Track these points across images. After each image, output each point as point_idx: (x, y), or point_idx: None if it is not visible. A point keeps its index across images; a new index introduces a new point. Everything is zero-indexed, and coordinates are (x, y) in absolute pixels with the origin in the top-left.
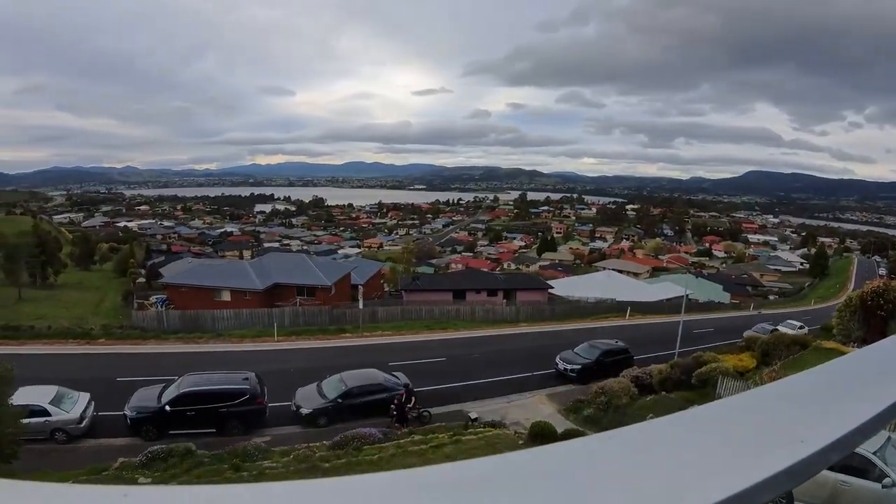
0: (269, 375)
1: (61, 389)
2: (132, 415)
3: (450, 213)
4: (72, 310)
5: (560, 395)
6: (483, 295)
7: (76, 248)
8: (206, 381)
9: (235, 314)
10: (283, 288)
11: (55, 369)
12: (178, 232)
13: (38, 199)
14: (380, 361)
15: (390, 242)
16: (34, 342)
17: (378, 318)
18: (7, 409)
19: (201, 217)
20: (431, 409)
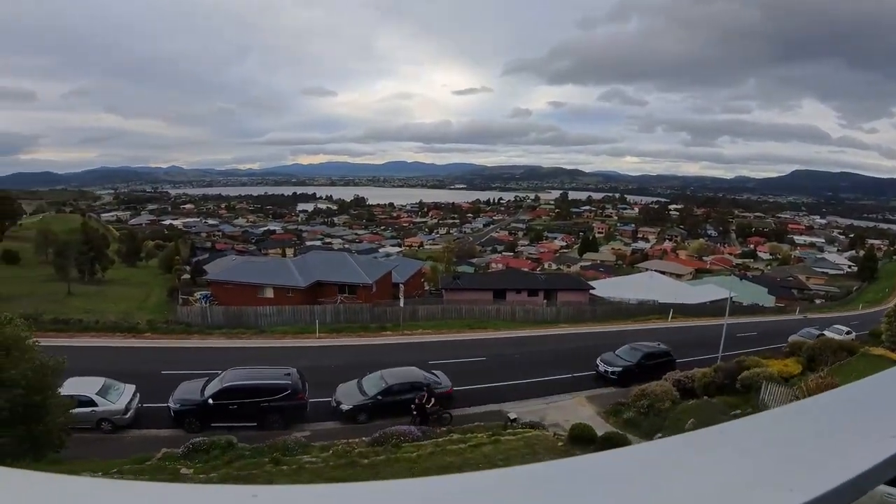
0: (310, 371)
1: (108, 381)
2: (176, 407)
3: (490, 212)
4: (119, 305)
5: (600, 398)
6: (523, 295)
7: (123, 245)
8: (248, 375)
9: (278, 311)
10: (324, 285)
11: (102, 362)
12: (222, 230)
13: (87, 197)
14: (420, 360)
15: (431, 241)
16: (83, 335)
17: (418, 317)
18: (56, 399)
19: (245, 216)
20: (470, 408)
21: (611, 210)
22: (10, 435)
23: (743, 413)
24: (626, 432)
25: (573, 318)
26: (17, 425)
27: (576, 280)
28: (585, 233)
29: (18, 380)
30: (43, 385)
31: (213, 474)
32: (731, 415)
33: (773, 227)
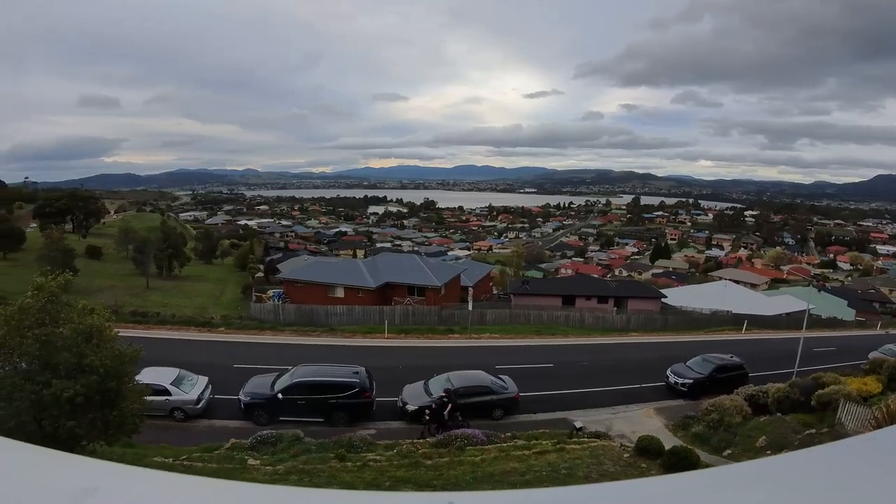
0: (377, 371)
1: (182, 372)
2: (246, 400)
3: (560, 216)
4: (194, 300)
5: (669, 410)
6: (593, 302)
7: (200, 244)
8: (317, 372)
9: (348, 310)
10: (394, 287)
11: (177, 353)
12: (295, 231)
13: (166, 198)
14: (486, 363)
15: (500, 245)
16: (160, 327)
17: (486, 321)
18: (132, 387)
19: (317, 217)
20: (535, 414)
21: (684, 216)
22: (86, 419)
23: (818, 433)
24: (694, 447)
25: (643, 327)
26: (94, 410)
27: (647, 288)
28: (657, 239)
29: (97, 366)
30: (120, 372)
31: (280, 467)
32: (805, 434)
33: (854, 235)
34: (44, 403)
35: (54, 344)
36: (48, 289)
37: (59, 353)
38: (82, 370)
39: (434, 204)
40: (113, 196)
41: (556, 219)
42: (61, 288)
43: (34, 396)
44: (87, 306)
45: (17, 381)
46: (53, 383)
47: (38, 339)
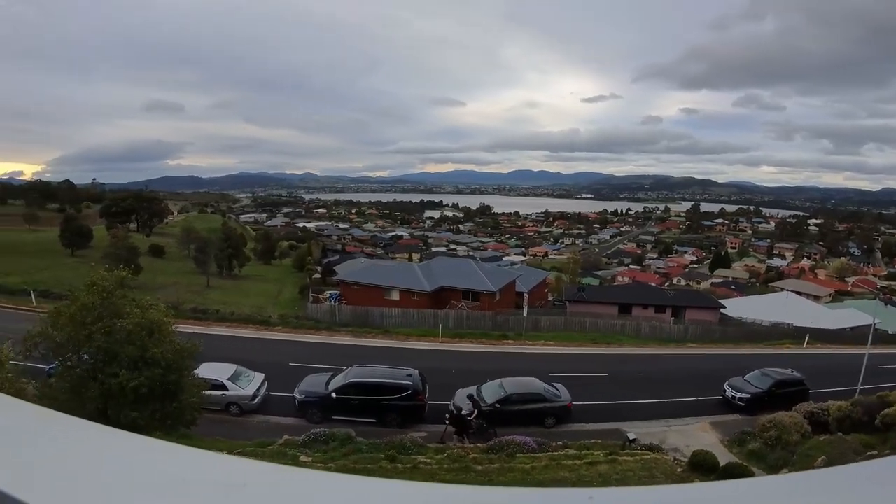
0: (430, 374)
1: (239, 368)
2: (300, 398)
3: (618, 223)
4: (253, 299)
5: (725, 425)
6: (650, 311)
7: (259, 245)
8: (371, 373)
9: (403, 313)
10: (449, 291)
11: (235, 350)
12: (352, 234)
13: (227, 200)
14: (540, 371)
15: (556, 251)
16: (219, 324)
17: (540, 327)
18: (191, 381)
19: (374, 221)
20: (588, 424)
21: (745, 223)
22: (147, 409)
23: (880, 455)
24: (750, 464)
25: (701, 338)
26: (155, 401)
27: (705, 297)
28: (717, 247)
29: (158, 360)
30: (180, 366)
31: (331, 465)
32: (867, 455)
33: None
34: (110, 394)
35: (118, 337)
36: (102, 285)
37: (123, 347)
38: (146, 363)
39: (490, 209)
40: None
41: (614, 225)
42: (117, 284)
43: (102, 387)
44: (148, 302)
45: (85, 373)
46: (120, 374)
47: (102, 332)
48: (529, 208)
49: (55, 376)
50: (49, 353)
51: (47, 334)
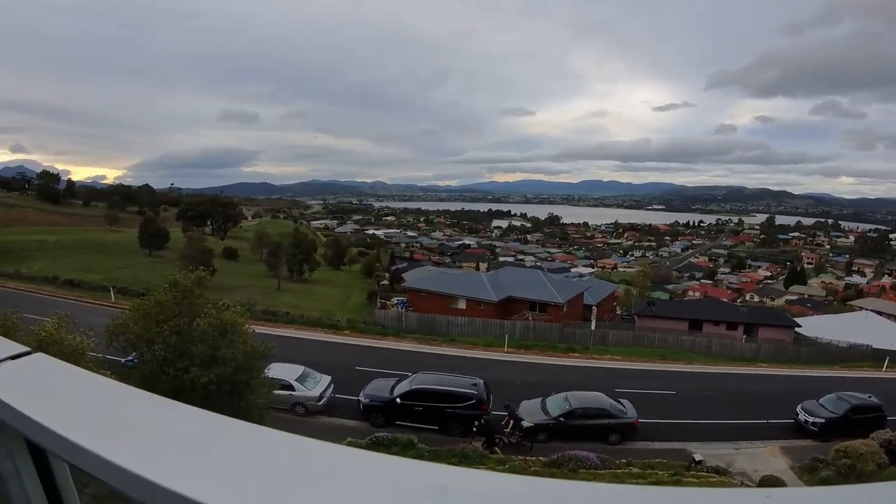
0: (495, 384)
1: (307, 370)
2: (365, 401)
3: (689, 235)
4: (322, 303)
5: (796, 450)
6: (721, 328)
7: (329, 250)
8: (437, 381)
9: (469, 322)
10: (516, 301)
11: (304, 352)
12: (420, 242)
13: (299, 206)
14: (606, 385)
15: (625, 264)
16: (288, 326)
17: (608, 341)
18: (261, 380)
19: (442, 229)
20: (653, 443)
21: (822, 238)
22: (216, 407)
23: None
24: None
25: (774, 358)
26: (224, 398)
27: (780, 315)
28: (792, 263)
29: (229, 359)
30: (251, 366)
31: None
32: None
33: None
34: (181, 389)
35: (190, 335)
36: (183, 285)
37: (194, 345)
38: (216, 361)
39: (558, 219)
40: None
41: (685, 237)
42: (195, 284)
43: (173, 381)
44: (224, 303)
45: (156, 367)
46: (192, 370)
47: (173, 331)
48: (599, 219)
49: (131, 368)
50: (128, 346)
51: (126, 328)
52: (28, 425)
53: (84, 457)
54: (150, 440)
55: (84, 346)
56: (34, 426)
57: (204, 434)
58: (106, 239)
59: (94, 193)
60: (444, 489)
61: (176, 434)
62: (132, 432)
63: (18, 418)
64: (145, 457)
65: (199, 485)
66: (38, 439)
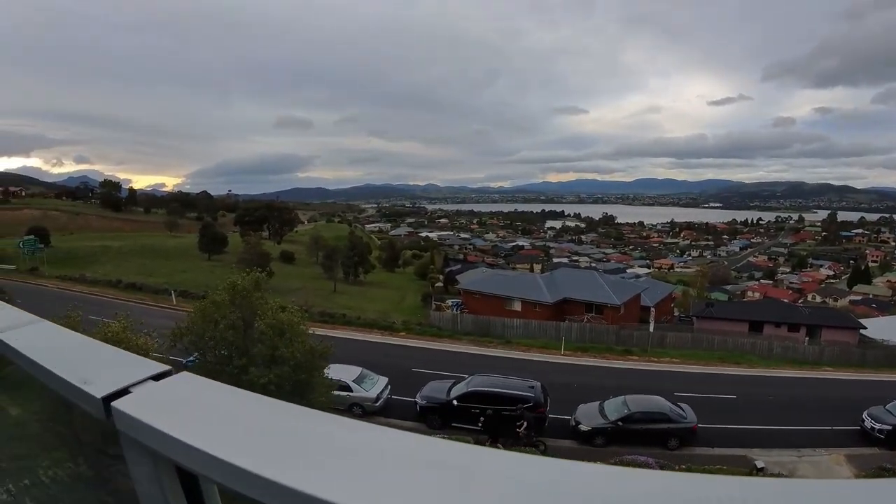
0: (551, 387)
1: (364, 371)
2: (422, 403)
3: (748, 234)
4: (377, 305)
5: (862, 458)
6: (782, 330)
7: (383, 253)
8: (493, 383)
9: (524, 324)
10: (571, 303)
11: (360, 353)
12: (473, 243)
13: (353, 210)
14: (665, 389)
15: (682, 264)
16: (345, 328)
17: (666, 344)
18: (320, 380)
19: (495, 231)
20: (713, 448)
21: (887, 234)
22: None
23: None
24: None
25: (838, 361)
26: (284, 398)
27: (843, 316)
28: (856, 261)
29: (288, 359)
30: (310, 366)
31: None
32: None
33: None
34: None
35: (250, 335)
36: (241, 287)
37: (254, 345)
38: (275, 361)
39: (613, 219)
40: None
41: (744, 236)
42: (253, 286)
43: (233, 381)
44: (280, 304)
45: (215, 367)
46: (250, 370)
47: (228, 326)
48: (654, 218)
49: (191, 368)
50: (191, 347)
51: (189, 329)
52: (178, 449)
53: (240, 478)
54: (303, 454)
55: (148, 347)
56: (184, 449)
57: (355, 443)
58: (166, 244)
59: (155, 201)
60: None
61: (331, 445)
62: (284, 447)
63: (167, 443)
64: (305, 472)
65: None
66: (188, 463)
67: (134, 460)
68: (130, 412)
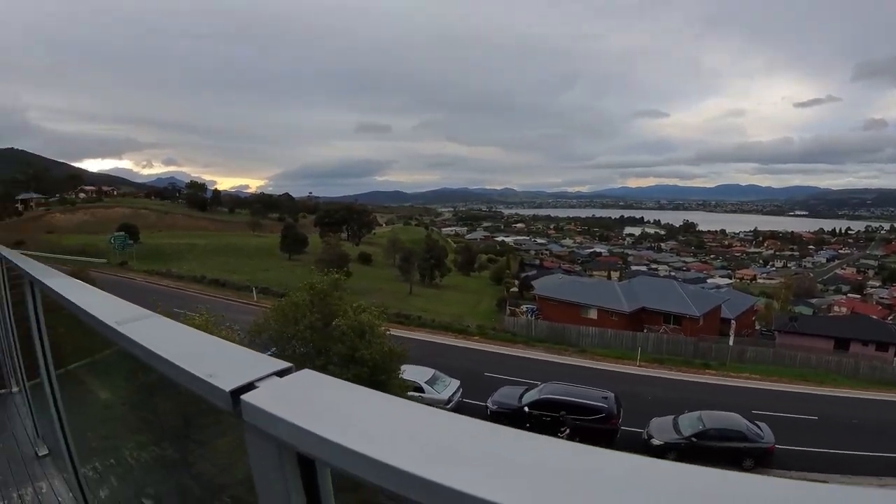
0: (625, 398)
1: (437, 373)
2: (493, 407)
3: (835, 244)
4: (452, 308)
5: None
6: (870, 348)
7: (459, 256)
8: (566, 391)
9: (600, 333)
10: (648, 313)
11: (433, 355)
12: (549, 249)
13: (430, 213)
14: (742, 406)
15: (764, 275)
16: (419, 330)
17: (745, 358)
18: (396, 381)
19: (572, 236)
20: (790, 472)
21: None
22: None
23: None
24: None
25: None
26: None
27: None
28: None
29: (367, 359)
30: (388, 367)
31: None
32: None
33: None
34: None
35: (329, 335)
36: (320, 288)
37: (333, 344)
38: (354, 361)
39: (694, 226)
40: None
41: (831, 246)
42: (332, 286)
43: None
44: (360, 305)
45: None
46: (329, 368)
47: (307, 327)
48: (737, 226)
49: None
50: (269, 343)
51: (267, 326)
52: (301, 437)
53: (357, 462)
54: (417, 443)
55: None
56: (306, 437)
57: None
58: (249, 243)
59: (238, 201)
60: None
61: (438, 435)
62: (398, 436)
63: (292, 432)
64: (416, 457)
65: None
66: (309, 450)
67: (257, 448)
68: (257, 404)
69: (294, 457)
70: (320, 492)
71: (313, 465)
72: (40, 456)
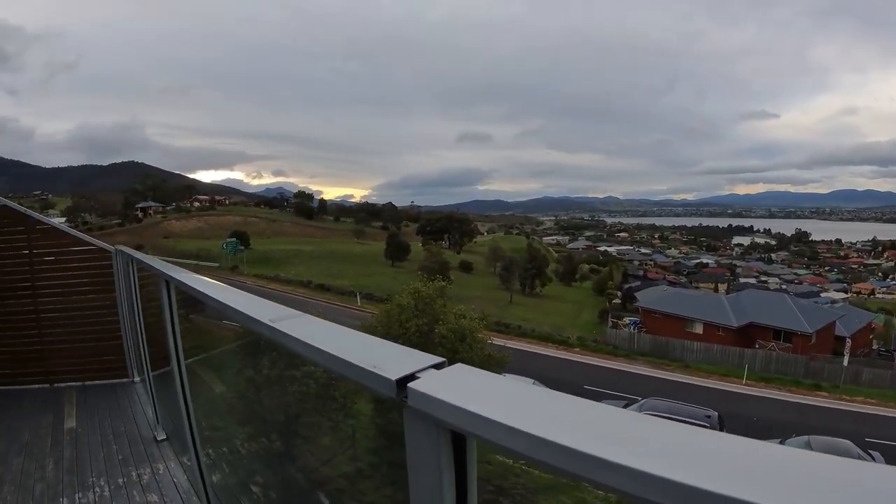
0: (729, 418)
1: (536, 383)
2: None
3: None
4: (552, 318)
5: None
6: None
7: (560, 266)
8: (668, 408)
9: (706, 348)
10: (757, 328)
11: (533, 365)
12: (654, 259)
13: (531, 222)
14: (855, 433)
15: (884, 289)
16: (519, 339)
17: (861, 380)
18: None
19: (677, 246)
20: None
21: None
22: None
23: None
24: None
25: None
26: None
27: None
28: None
29: (466, 362)
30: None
31: None
32: None
33: None
34: None
35: (431, 340)
36: (425, 294)
37: (434, 348)
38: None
39: (807, 236)
40: (484, 219)
41: None
42: (437, 293)
43: None
44: (460, 310)
45: None
46: None
47: (412, 331)
48: (853, 235)
49: None
50: None
51: (374, 329)
52: (456, 416)
53: (504, 433)
54: (557, 419)
55: None
56: (461, 415)
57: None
58: (353, 250)
59: (343, 210)
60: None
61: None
62: (545, 416)
63: (449, 412)
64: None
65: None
66: (462, 426)
67: (419, 429)
68: (422, 390)
69: (448, 435)
70: (467, 464)
71: (464, 442)
72: (159, 440)
